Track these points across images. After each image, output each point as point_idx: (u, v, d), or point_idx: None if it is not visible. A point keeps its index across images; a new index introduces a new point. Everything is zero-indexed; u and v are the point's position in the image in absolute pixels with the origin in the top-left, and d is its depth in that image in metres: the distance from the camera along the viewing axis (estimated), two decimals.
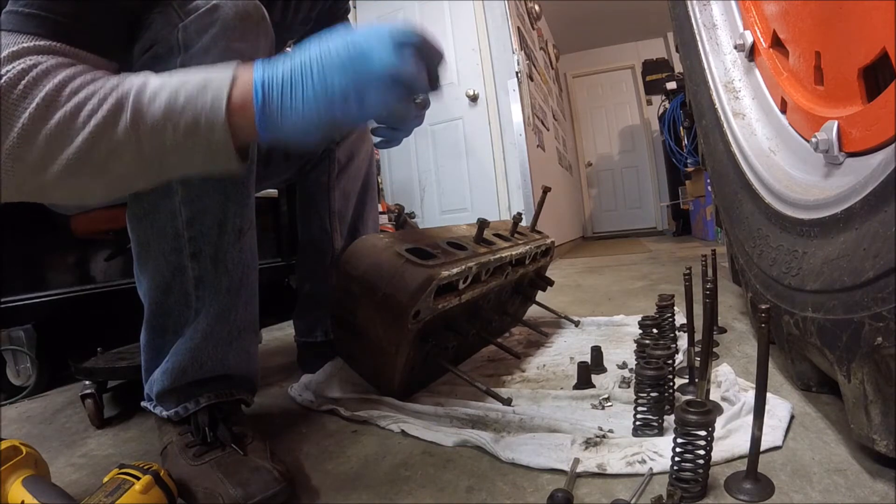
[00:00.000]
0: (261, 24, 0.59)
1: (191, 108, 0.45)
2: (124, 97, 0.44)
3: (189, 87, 0.45)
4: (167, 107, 0.44)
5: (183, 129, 0.45)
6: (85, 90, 0.44)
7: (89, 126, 0.43)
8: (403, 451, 0.65)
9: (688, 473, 0.47)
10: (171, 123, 0.45)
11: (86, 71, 0.46)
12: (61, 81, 0.44)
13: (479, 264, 0.80)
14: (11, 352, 1.11)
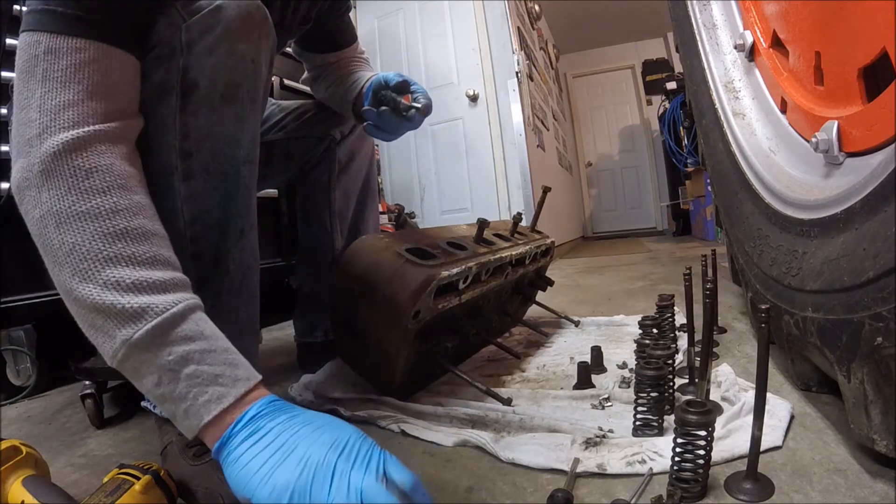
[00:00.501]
0: (263, 25, 0.59)
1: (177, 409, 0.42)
2: (162, 308, 0.42)
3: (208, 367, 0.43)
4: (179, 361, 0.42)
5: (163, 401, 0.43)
6: (133, 245, 0.44)
7: (103, 294, 0.42)
8: (403, 451, 0.65)
9: (688, 473, 0.47)
10: (160, 386, 0.43)
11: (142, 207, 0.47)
12: (116, 204, 0.44)
13: (479, 264, 0.80)
14: (11, 352, 1.11)
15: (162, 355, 0.42)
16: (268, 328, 1.68)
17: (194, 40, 0.54)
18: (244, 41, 0.57)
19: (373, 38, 3.42)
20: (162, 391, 0.42)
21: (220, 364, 0.43)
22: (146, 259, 0.44)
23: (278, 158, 1.04)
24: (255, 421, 0.41)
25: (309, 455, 0.38)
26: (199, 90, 0.55)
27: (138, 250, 0.44)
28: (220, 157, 0.58)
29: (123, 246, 0.43)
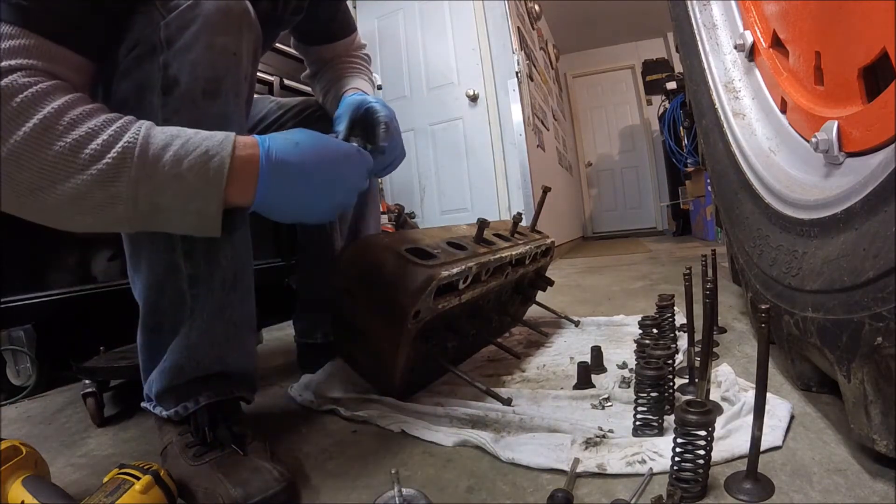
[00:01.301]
0: (244, 18, 0.59)
1: (193, 176, 0.48)
2: (129, 149, 0.46)
3: (192, 154, 0.48)
4: (171, 169, 0.47)
5: (182, 196, 0.49)
6: (86, 125, 0.45)
7: (91, 170, 0.45)
8: (403, 451, 0.65)
9: (688, 473, 0.47)
10: (171, 188, 0.48)
11: (83, 101, 0.48)
12: (60, 107, 0.45)
13: (479, 264, 0.80)
14: (11, 352, 1.11)
15: (163, 167, 0.47)
16: (268, 328, 1.68)
17: (173, 36, 0.54)
18: (224, 35, 0.57)
19: (373, 38, 3.42)
20: (180, 188, 0.48)
21: (202, 142, 0.49)
22: (101, 124, 0.46)
23: None
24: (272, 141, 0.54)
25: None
26: (181, 86, 0.55)
27: (91, 123, 0.46)
28: None
29: (79, 129, 0.45)
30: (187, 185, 0.48)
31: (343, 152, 0.59)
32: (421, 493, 0.51)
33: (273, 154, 0.52)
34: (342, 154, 0.58)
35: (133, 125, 0.48)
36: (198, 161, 0.48)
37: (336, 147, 0.59)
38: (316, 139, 0.57)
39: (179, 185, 0.48)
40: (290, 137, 0.55)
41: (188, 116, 0.56)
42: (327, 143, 0.58)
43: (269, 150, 0.52)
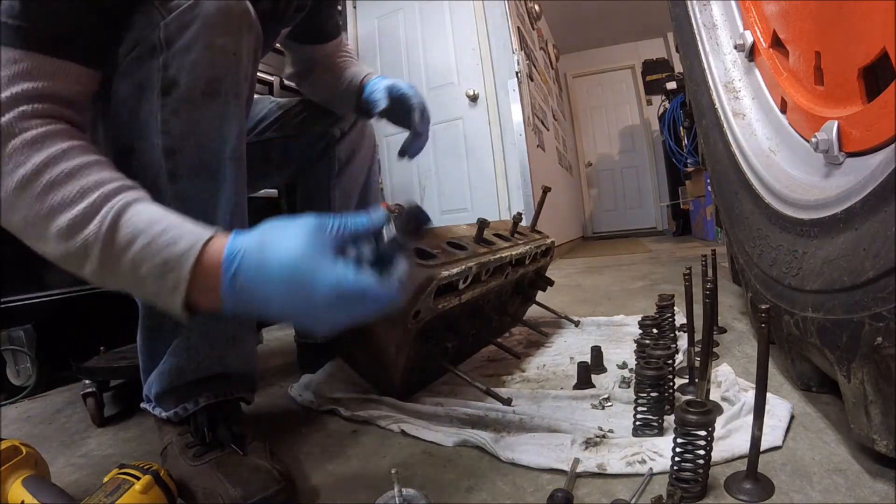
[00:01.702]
0: (244, 18, 0.59)
1: (151, 284, 0.45)
2: (91, 242, 0.44)
3: (152, 261, 0.44)
4: (131, 271, 0.45)
5: (145, 295, 0.47)
6: (61, 192, 0.44)
7: (61, 247, 0.45)
8: (403, 451, 0.65)
9: (688, 473, 0.47)
10: (132, 288, 0.47)
11: (68, 155, 0.46)
12: (43, 163, 0.44)
13: (479, 264, 0.80)
14: (11, 352, 1.11)
15: (123, 269, 0.44)
16: (268, 328, 1.68)
17: (173, 37, 0.54)
18: (223, 35, 0.57)
19: (373, 38, 3.42)
20: (143, 296, 0.49)
21: (162, 249, 0.44)
22: (74, 197, 0.45)
23: (277, 157, 1.03)
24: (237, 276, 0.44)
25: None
26: (180, 87, 0.55)
27: (65, 193, 0.44)
28: (205, 154, 0.58)
29: (53, 195, 0.44)
30: (147, 290, 0.45)
31: (339, 293, 0.42)
32: (421, 493, 0.51)
33: (238, 283, 0.43)
34: (337, 295, 0.42)
35: (106, 205, 0.45)
36: (155, 271, 0.44)
37: (330, 284, 0.42)
38: (301, 271, 0.42)
39: (140, 289, 0.46)
40: (266, 262, 0.43)
41: (188, 117, 0.56)
42: (315, 275, 0.42)
43: (234, 275, 0.43)
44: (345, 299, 0.42)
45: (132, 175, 0.57)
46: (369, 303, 0.43)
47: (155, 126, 0.55)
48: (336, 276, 0.42)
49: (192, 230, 0.46)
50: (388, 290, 0.43)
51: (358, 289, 0.42)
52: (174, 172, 0.56)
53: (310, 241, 0.43)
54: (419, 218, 0.46)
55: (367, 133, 1.11)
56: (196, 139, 0.57)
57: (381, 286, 0.43)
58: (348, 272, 0.42)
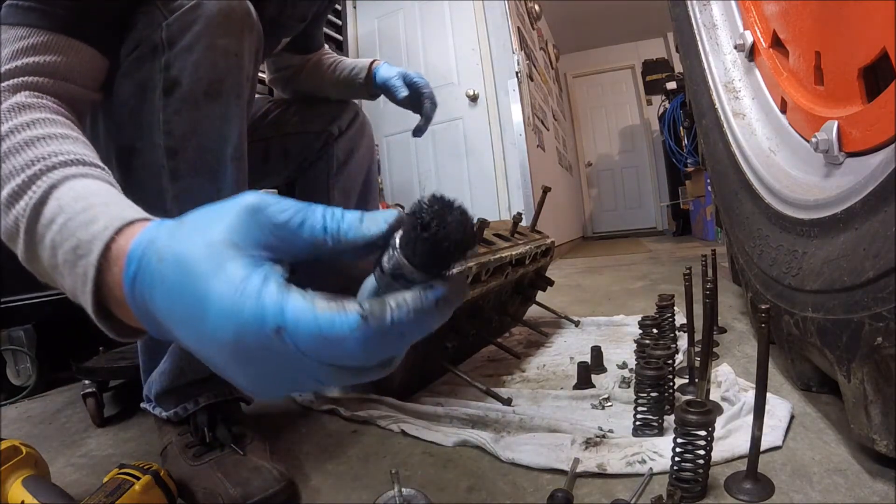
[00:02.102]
0: (246, 19, 0.59)
1: (67, 274, 0.35)
2: (19, 220, 0.37)
3: (65, 244, 0.35)
4: (49, 259, 0.36)
5: (68, 292, 0.37)
6: (14, 158, 0.39)
7: (2, 223, 0.39)
8: (403, 451, 0.65)
9: (688, 473, 0.47)
10: (53, 281, 0.38)
11: (36, 124, 0.41)
12: (8, 129, 0.40)
13: (479, 264, 0.80)
14: (11, 352, 1.11)
15: (43, 258, 0.37)
16: None
17: (175, 37, 0.54)
18: (225, 36, 0.57)
19: (373, 38, 3.42)
20: (69, 294, 0.36)
21: (77, 230, 0.34)
22: (21, 167, 0.38)
23: (275, 156, 1.04)
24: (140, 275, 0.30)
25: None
26: (182, 87, 0.55)
27: (14, 163, 0.39)
28: (206, 154, 0.58)
29: (6, 164, 0.39)
30: (67, 284, 0.35)
31: (238, 322, 0.25)
32: (421, 493, 0.51)
33: (137, 284, 0.30)
34: (235, 326, 0.25)
35: (44, 177, 0.37)
36: (69, 257, 0.34)
37: (225, 300, 0.25)
38: (192, 275, 0.27)
39: (62, 281, 0.36)
40: (165, 256, 0.28)
41: (189, 117, 0.56)
42: (209, 284, 0.26)
43: (136, 273, 0.30)
44: (252, 335, 0.24)
45: (133, 175, 0.57)
46: (306, 358, 0.25)
47: (157, 126, 0.55)
48: (236, 289, 0.25)
49: (116, 210, 0.35)
50: (354, 344, 0.24)
51: (276, 323, 0.24)
52: (176, 172, 0.56)
53: (228, 226, 0.27)
54: (451, 235, 0.24)
55: (366, 132, 1.11)
56: (198, 139, 0.57)
57: (341, 328, 0.24)
58: (268, 289, 0.25)
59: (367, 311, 0.25)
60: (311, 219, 0.28)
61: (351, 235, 0.28)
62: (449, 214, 0.25)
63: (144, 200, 0.59)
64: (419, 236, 0.25)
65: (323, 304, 0.25)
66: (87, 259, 0.33)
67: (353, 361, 0.26)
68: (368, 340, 0.25)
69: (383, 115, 3.21)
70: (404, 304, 0.25)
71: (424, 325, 0.26)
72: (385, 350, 0.26)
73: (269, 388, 0.28)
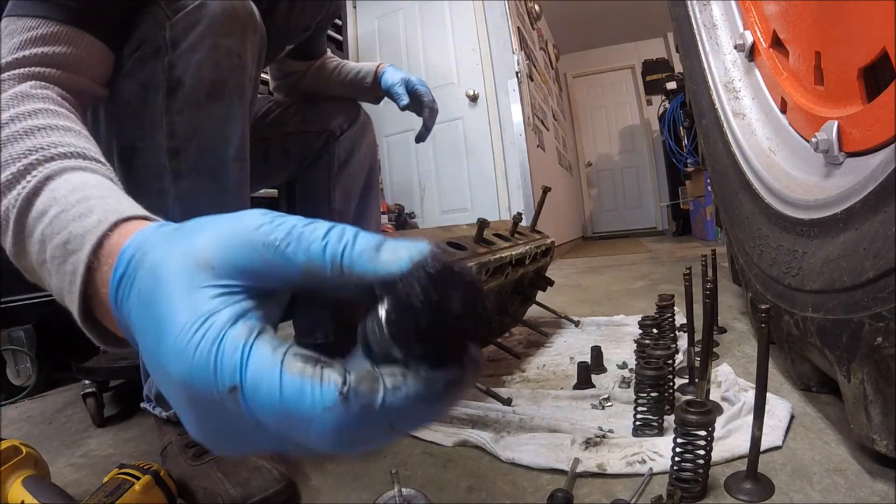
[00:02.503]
0: (249, 20, 0.59)
1: (55, 271, 0.32)
2: (9, 209, 0.34)
3: (55, 238, 0.32)
4: (38, 254, 0.33)
5: (53, 289, 0.33)
6: (12, 147, 0.37)
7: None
8: (403, 451, 0.64)
9: (688, 473, 0.47)
10: (39, 279, 0.35)
11: (38, 114, 0.40)
12: (8, 118, 0.39)
13: (479, 264, 0.80)
14: (11, 352, 1.11)
15: (31, 252, 0.33)
16: None
17: (178, 38, 0.54)
18: (229, 37, 0.57)
19: (373, 38, 3.42)
20: (55, 294, 0.33)
21: (69, 223, 0.31)
22: (18, 155, 0.36)
23: (276, 155, 1.04)
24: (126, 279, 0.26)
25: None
26: (185, 88, 0.55)
27: (11, 152, 0.36)
28: (208, 155, 0.58)
29: (3, 153, 0.36)
30: (54, 283, 0.32)
31: (184, 358, 0.21)
32: (421, 493, 0.51)
33: (120, 290, 0.26)
34: (182, 363, 0.21)
35: (39, 167, 0.35)
36: (58, 252, 0.31)
37: (178, 330, 0.22)
38: (157, 293, 0.24)
39: (49, 280, 0.33)
40: (145, 264, 0.25)
41: (192, 118, 0.56)
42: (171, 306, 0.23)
43: (122, 277, 0.26)
44: (203, 386, 0.21)
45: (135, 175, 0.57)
46: (265, 429, 0.21)
47: (159, 126, 0.55)
48: (195, 325, 0.21)
49: (112, 203, 0.32)
50: (324, 428, 0.20)
51: (231, 382, 0.20)
52: (178, 172, 0.56)
53: (212, 241, 0.24)
54: (454, 323, 0.20)
55: (368, 131, 1.11)
56: (200, 140, 0.57)
57: (311, 406, 0.19)
58: (231, 333, 0.21)
59: (350, 387, 0.19)
60: (310, 237, 0.23)
61: (359, 267, 0.22)
62: (453, 290, 0.20)
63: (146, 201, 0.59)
64: (409, 322, 0.20)
65: (296, 365, 0.20)
66: (78, 255, 0.30)
67: (321, 447, 0.20)
68: (344, 427, 0.19)
69: (384, 115, 3.21)
70: (403, 385, 0.20)
71: (424, 416, 0.22)
72: (365, 441, 0.21)
73: (222, 444, 0.24)
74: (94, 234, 0.30)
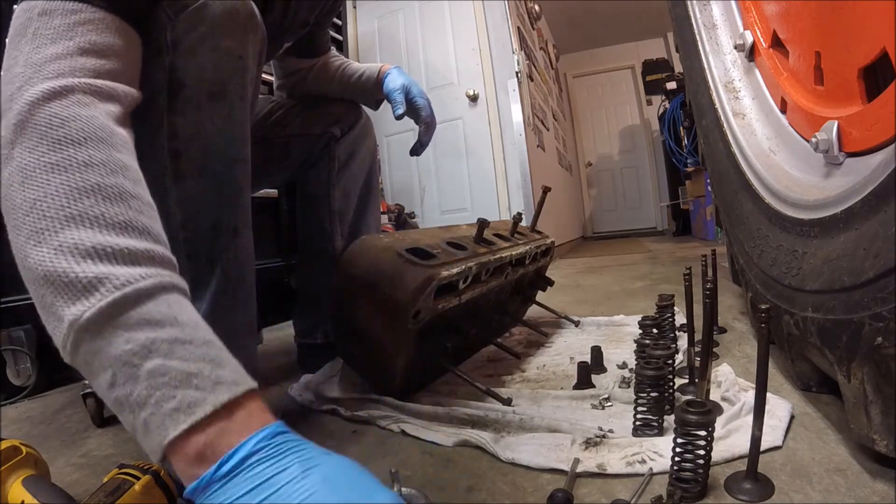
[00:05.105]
0: (249, 21, 0.59)
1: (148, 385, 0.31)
2: (109, 285, 0.33)
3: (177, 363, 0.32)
4: (132, 350, 0.32)
5: (115, 392, 0.33)
6: (104, 206, 0.36)
7: (38, 253, 0.34)
8: (403, 451, 0.65)
9: (688, 473, 0.47)
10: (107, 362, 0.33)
11: (124, 170, 0.39)
12: (104, 157, 0.37)
13: (479, 264, 0.80)
14: (11, 352, 1.11)
15: (117, 343, 0.31)
16: (268, 328, 1.68)
17: (179, 39, 0.54)
18: (230, 38, 0.57)
19: (373, 38, 3.42)
20: (117, 394, 0.32)
21: (198, 360, 0.32)
22: (118, 223, 0.35)
23: (277, 156, 1.04)
24: (251, 468, 0.29)
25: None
26: (186, 89, 0.55)
27: (109, 211, 0.35)
28: (210, 156, 0.58)
29: (92, 204, 0.34)
30: (131, 391, 0.31)
31: None
32: (421, 493, 0.51)
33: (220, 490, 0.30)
34: None
35: (149, 267, 0.35)
36: (168, 381, 0.31)
37: None
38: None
39: (118, 380, 0.32)
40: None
41: (194, 119, 0.56)
42: None
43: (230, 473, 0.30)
44: None
45: None
46: None
47: (161, 127, 0.55)
48: None
49: (239, 368, 0.35)
50: None
51: None
52: (179, 173, 0.56)
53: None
54: None
55: (369, 133, 1.11)
56: (201, 141, 0.57)
57: None
58: None
59: None
60: None
61: None
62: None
63: None
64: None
65: None
66: (206, 395, 0.31)
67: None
68: None
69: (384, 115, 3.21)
70: None
71: None
72: None
73: None
74: (226, 393, 0.32)
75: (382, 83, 1.03)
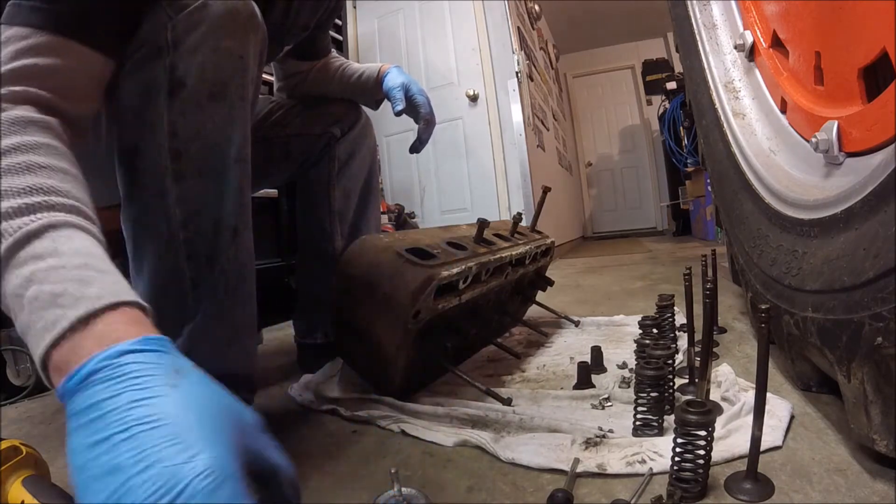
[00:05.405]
0: (250, 20, 0.59)
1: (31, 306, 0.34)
2: (11, 230, 0.36)
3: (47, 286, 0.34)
4: (22, 281, 0.35)
5: (15, 314, 0.36)
6: (14, 179, 0.39)
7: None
8: (403, 451, 0.65)
9: (688, 473, 0.47)
10: (9, 297, 0.36)
11: (39, 149, 0.42)
12: (12, 146, 0.40)
13: (479, 264, 0.80)
14: (11, 352, 1.11)
15: (10, 280, 0.35)
16: (268, 328, 1.68)
17: (180, 38, 0.54)
18: (231, 38, 0.57)
19: (373, 38, 3.42)
20: (18, 326, 0.35)
21: (66, 281, 0.34)
22: (21, 189, 0.38)
23: (277, 156, 1.04)
24: (89, 387, 0.32)
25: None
26: (187, 88, 0.55)
27: (14, 182, 0.38)
28: (210, 156, 0.58)
29: (4, 181, 0.38)
30: (20, 315, 0.35)
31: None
32: (421, 492, 0.51)
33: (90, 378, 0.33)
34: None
35: (44, 212, 0.37)
36: (44, 297, 0.34)
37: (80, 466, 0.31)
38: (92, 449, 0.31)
39: (14, 309, 0.35)
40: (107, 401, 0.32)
41: (194, 119, 0.56)
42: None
43: (87, 377, 0.33)
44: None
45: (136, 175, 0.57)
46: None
47: (161, 127, 0.55)
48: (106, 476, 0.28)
49: (113, 285, 0.36)
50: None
51: None
52: (179, 173, 0.56)
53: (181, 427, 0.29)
54: None
55: (369, 134, 1.11)
56: (202, 141, 0.57)
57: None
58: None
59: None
60: None
61: None
62: None
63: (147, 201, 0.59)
64: None
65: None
66: (65, 311, 0.33)
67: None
68: None
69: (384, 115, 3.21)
70: None
71: None
72: None
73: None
74: (88, 305, 0.33)
75: (382, 82, 1.04)
